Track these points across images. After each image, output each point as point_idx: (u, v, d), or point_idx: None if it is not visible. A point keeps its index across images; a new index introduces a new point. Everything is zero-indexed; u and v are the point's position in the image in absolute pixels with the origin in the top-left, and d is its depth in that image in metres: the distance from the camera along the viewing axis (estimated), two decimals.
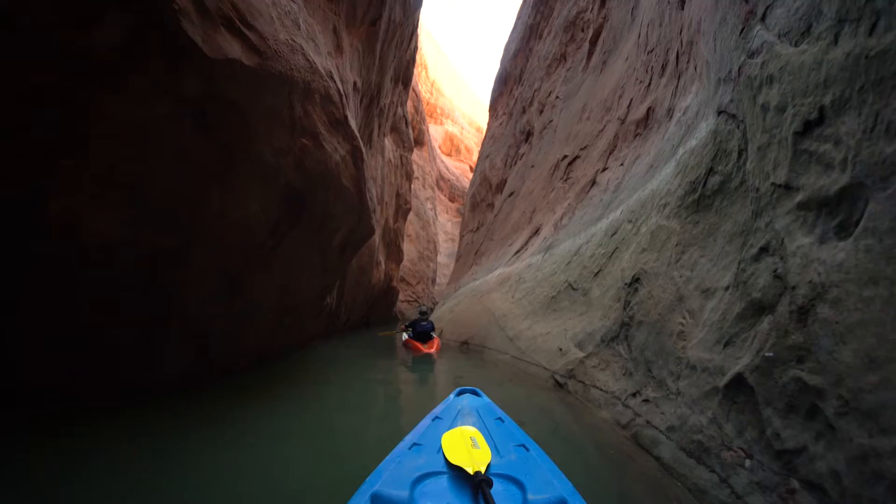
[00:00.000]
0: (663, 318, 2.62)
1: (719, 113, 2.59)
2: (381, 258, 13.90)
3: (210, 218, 3.32)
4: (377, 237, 12.41)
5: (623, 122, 6.47)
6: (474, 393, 2.35)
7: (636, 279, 3.24)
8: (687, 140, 3.45)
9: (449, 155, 41.64)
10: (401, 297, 22.75)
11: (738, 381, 1.78)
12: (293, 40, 3.59)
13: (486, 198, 18.38)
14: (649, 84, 5.86)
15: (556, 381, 4.15)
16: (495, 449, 1.55)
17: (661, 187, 3.54)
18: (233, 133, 3.29)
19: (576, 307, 4.67)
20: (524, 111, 15.74)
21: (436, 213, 30.60)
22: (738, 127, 2.30)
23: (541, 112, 13.87)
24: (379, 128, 11.51)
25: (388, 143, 14.09)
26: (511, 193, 14.02)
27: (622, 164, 5.94)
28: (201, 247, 3.38)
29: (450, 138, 42.48)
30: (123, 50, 2.58)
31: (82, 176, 2.79)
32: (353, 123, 4.79)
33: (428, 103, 40.43)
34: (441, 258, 31.31)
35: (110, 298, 3.15)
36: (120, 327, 3.25)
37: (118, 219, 3.03)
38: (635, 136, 5.84)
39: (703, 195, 2.63)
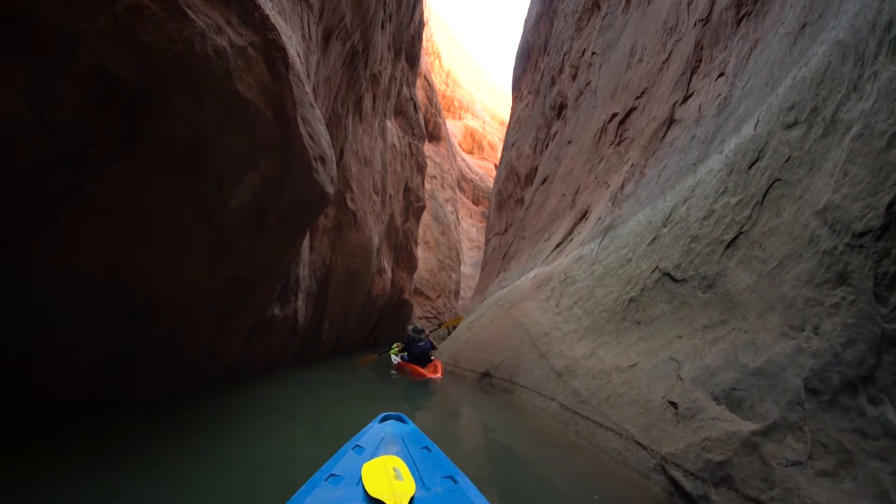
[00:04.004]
0: None
1: None
2: (386, 264, 12.08)
3: None
4: (379, 238, 10.62)
5: (706, 21, 4.50)
6: (399, 419, 2.28)
7: None
8: None
9: (470, 153, 39.69)
10: (418, 312, 20.84)
11: None
12: None
13: (513, 193, 16.44)
14: None
15: (676, 484, 2.01)
16: (420, 481, 1.50)
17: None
18: None
19: (688, 313, 2.61)
20: (553, 82, 13.94)
21: (458, 218, 28.72)
22: None
23: (574, 77, 12.08)
24: (374, 99, 9.87)
25: (391, 125, 12.45)
26: (544, 180, 12.05)
27: (722, 74, 3.94)
28: None
29: (470, 134, 40.55)
30: None
31: None
32: (271, 13, 3.01)
33: (444, 95, 38.73)
34: (465, 268, 29.20)
35: None
36: None
37: None
38: (739, 20, 3.86)
39: None
